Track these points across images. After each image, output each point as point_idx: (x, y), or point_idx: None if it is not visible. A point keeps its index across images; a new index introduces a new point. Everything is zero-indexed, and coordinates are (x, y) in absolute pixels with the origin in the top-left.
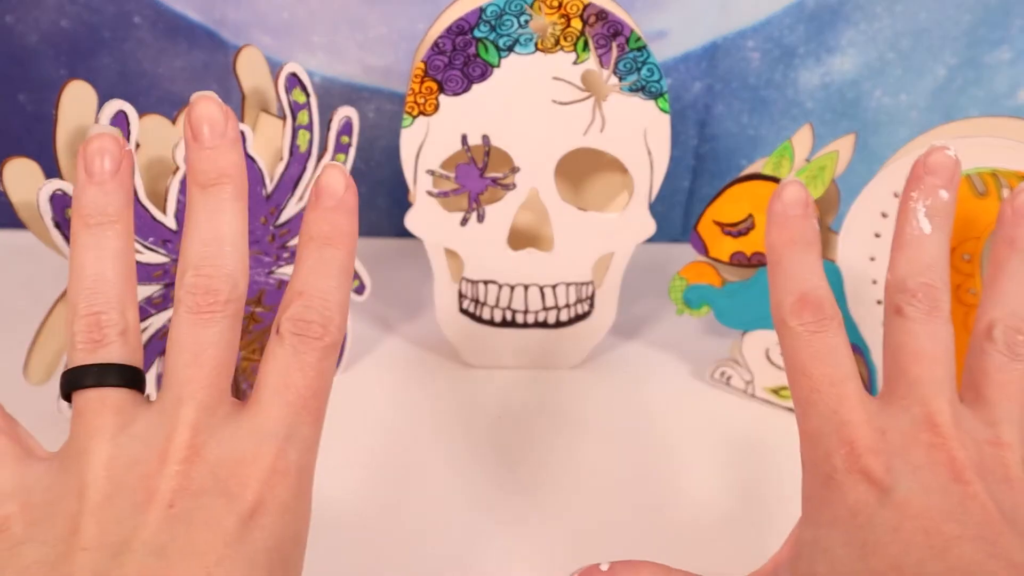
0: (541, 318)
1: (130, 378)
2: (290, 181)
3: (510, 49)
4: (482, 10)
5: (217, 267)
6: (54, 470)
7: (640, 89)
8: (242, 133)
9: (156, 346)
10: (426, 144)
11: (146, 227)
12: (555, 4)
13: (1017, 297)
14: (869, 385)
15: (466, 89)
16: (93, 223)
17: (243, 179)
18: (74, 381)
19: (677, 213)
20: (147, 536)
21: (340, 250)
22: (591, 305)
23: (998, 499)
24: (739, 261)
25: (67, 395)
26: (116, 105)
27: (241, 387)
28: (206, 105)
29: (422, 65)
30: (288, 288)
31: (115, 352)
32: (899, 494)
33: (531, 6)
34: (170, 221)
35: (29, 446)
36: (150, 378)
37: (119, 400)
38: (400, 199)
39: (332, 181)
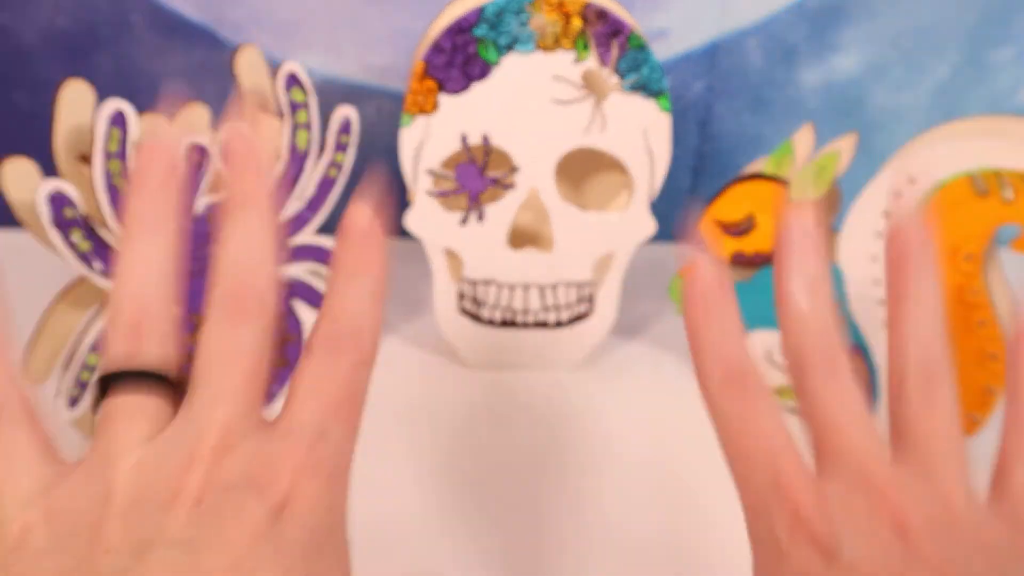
0: (541, 318)
1: (165, 385)
2: (289, 180)
3: (510, 48)
4: (482, 9)
5: (248, 284)
6: (80, 476)
7: (640, 88)
8: None
9: None
10: (426, 143)
11: None
12: (555, 2)
13: (919, 331)
14: (871, 385)
15: (466, 88)
16: (142, 228)
17: (274, 200)
18: (108, 386)
19: (677, 213)
20: (173, 532)
21: (369, 277)
22: (591, 305)
23: (945, 551)
24: (740, 261)
25: (99, 400)
26: (114, 104)
27: None
28: (239, 132)
29: (422, 64)
30: (318, 314)
31: (152, 358)
32: (844, 558)
33: (531, 4)
34: None
35: (54, 449)
36: None
37: (151, 406)
38: (400, 199)
39: (356, 218)
